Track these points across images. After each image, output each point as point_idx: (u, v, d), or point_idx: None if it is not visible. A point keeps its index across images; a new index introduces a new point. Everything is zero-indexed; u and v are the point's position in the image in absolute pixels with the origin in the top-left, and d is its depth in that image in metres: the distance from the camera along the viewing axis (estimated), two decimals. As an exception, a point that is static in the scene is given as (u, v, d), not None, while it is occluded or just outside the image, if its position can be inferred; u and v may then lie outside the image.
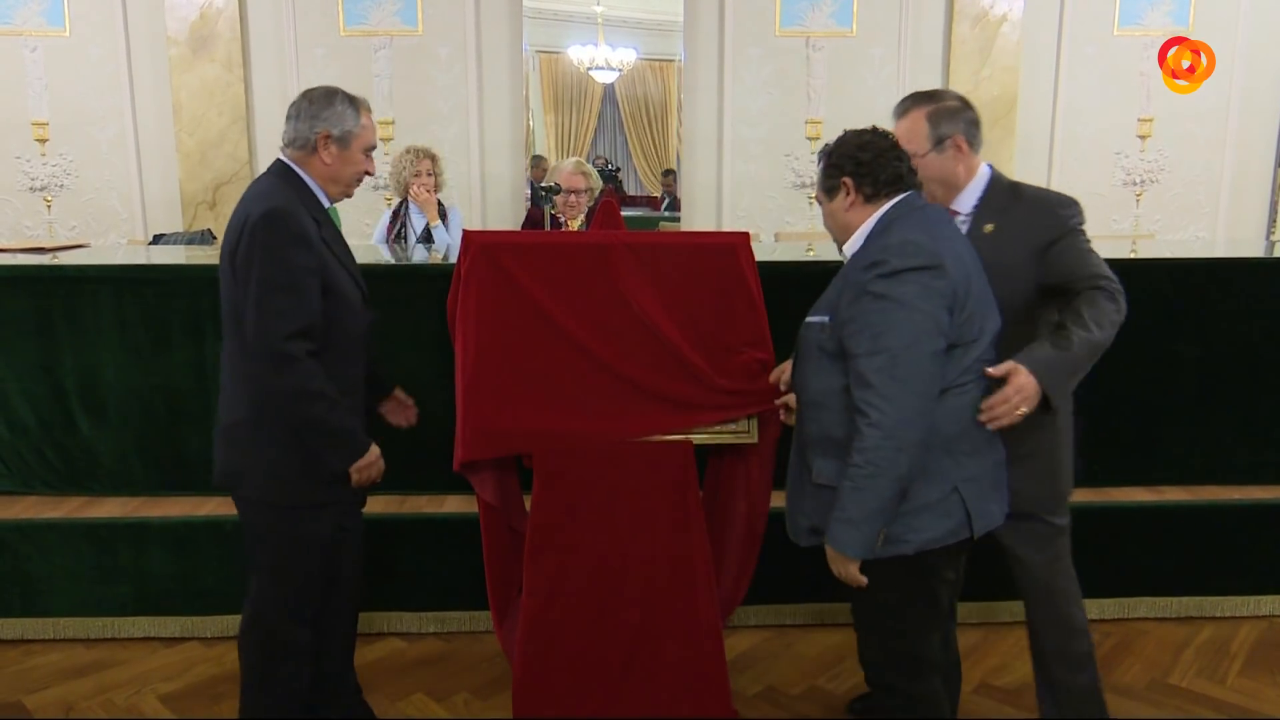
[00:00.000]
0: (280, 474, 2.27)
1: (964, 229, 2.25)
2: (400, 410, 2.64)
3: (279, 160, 2.36)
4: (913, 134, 2.29)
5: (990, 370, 2.03)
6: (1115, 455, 3.41)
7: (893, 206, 2.05)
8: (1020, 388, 2.04)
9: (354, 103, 2.33)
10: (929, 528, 1.96)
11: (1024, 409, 2.04)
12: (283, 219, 2.17)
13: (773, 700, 2.85)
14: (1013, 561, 2.45)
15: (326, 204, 2.36)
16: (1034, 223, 2.26)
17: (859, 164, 2.06)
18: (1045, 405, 2.10)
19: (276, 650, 2.37)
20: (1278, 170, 6.92)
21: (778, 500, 3.16)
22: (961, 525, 1.99)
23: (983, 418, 2.02)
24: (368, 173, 2.40)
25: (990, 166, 2.38)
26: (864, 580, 1.96)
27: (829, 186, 2.12)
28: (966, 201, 2.33)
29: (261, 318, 2.15)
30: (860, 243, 2.06)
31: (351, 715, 2.64)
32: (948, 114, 2.31)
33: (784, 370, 2.40)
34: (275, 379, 2.18)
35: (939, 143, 2.30)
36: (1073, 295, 2.20)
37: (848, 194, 2.08)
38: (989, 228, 2.27)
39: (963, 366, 1.97)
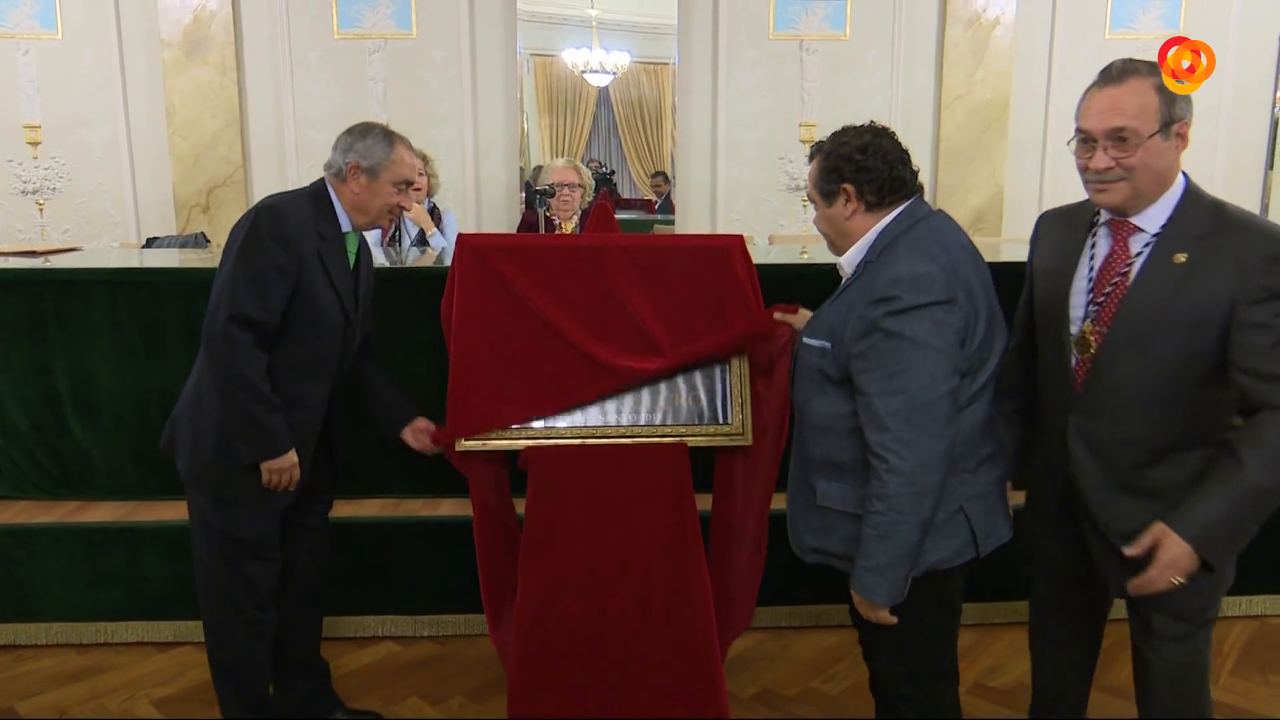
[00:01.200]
0: (207, 461, 2.36)
1: (1143, 256, 1.85)
2: (418, 437, 2.63)
3: (321, 180, 2.44)
4: (1142, 109, 1.79)
5: (1129, 551, 1.84)
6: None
7: (895, 218, 1.94)
8: (1172, 562, 1.80)
9: (389, 138, 2.39)
10: (935, 549, 1.90)
11: (1178, 580, 1.82)
12: (271, 215, 2.26)
13: (768, 702, 2.85)
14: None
15: (346, 228, 2.42)
16: (1243, 262, 1.76)
17: (861, 169, 1.92)
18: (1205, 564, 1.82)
19: (223, 633, 2.45)
20: (1269, 173, 6.96)
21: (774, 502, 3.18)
22: (967, 544, 1.94)
23: (1132, 591, 1.86)
24: (402, 207, 2.44)
25: (1187, 176, 1.88)
26: (894, 620, 1.88)
27: (827, 191, 1.97)
28: (1155, 218, 1.86)
29: (217, 299, 2.25)
30: (862, 253, 1.95)
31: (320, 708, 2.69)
32: (1174, 93, 1.81)
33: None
34: (218, 359, 2.25)
35: (1167, 125, 1.79)
36: (1255, 402, 1.77)
37: (848, 201, 1.95)
38: (1180, 258, 1.81)
39: (972, 390, 1.90)
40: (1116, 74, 1.83)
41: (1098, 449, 1.94)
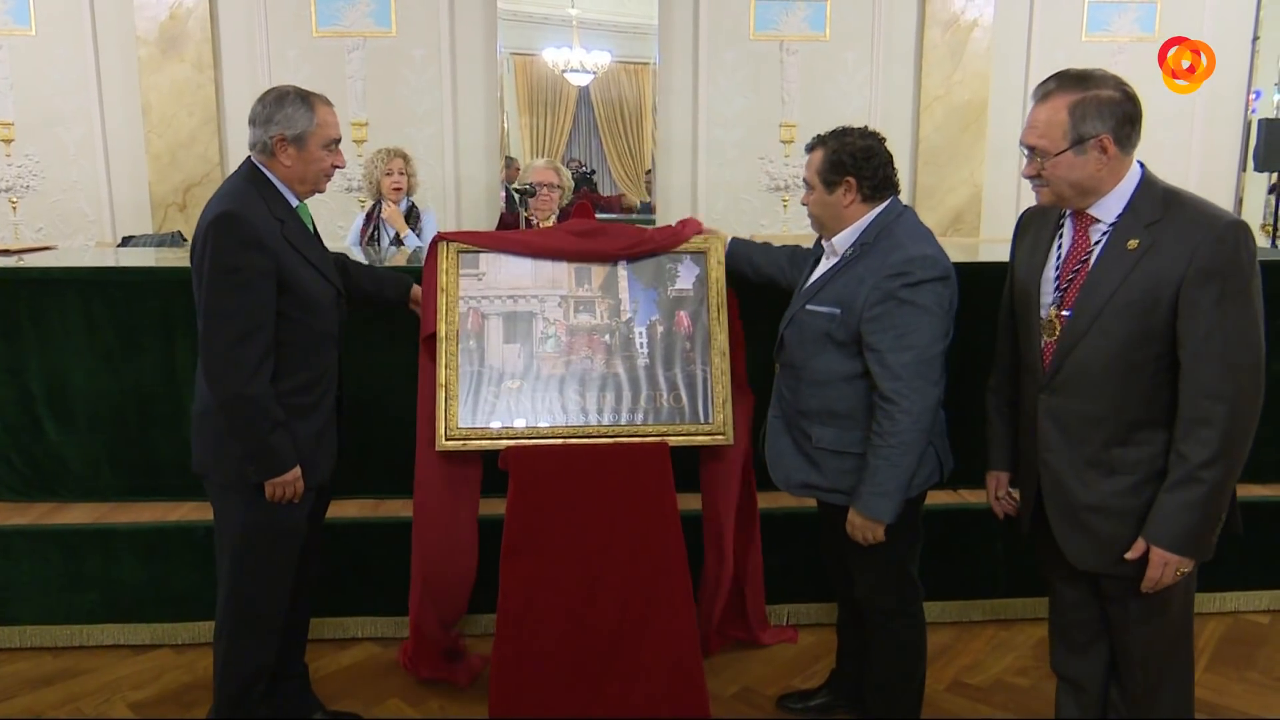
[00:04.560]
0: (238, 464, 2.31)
1: (1101, 242, 1.98)
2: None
3: (247, 160, 2.37)
4: (1050, 128, 1.93)
5: (1128, 555, 1.97)
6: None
7: (884, 210, 2.28)
8: (1164, 567, 1.94)
9: (307, 100, 2.31)
10: (915, 476, 2.26)
11: (1181, 572, 1.95)
12: (232, 223, 2.20)
13: (749, 701, 2.86)
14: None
15: (295, 202, 2.37)
16: (1190, 244, 1.86)
17: (863, 166, 2.24)
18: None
19: (245, 633, 2.41)
20: (1242, 175, 7.04)
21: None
22: (934, 471, 2.34)
23: (1144, 590, 1.98)
24: (335, 166, 2.39)
25: (1142, 165, 2.00)
26: (884, 539, 2.25)
27: (830, 180, 2.27)
28: (1111, 209, 1.98)
29: (209, 322, 2.21)
30: (853, 237, 2.28)
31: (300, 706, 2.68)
32: (1096, 107, 1.90)
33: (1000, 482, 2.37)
34: (217, 380, 2.23)
35: (1078, 142, 1.93)
36: (1198, 390, 1.87)
37: (848, 191, 2.27)
38: (1133, 244, 1.92)
39: (945, 354, 2.24)
40: (1040, 92, 1.97)
41: (1065, 426, 2.04)
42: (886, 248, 2.22)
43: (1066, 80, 1.94)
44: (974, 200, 6.88)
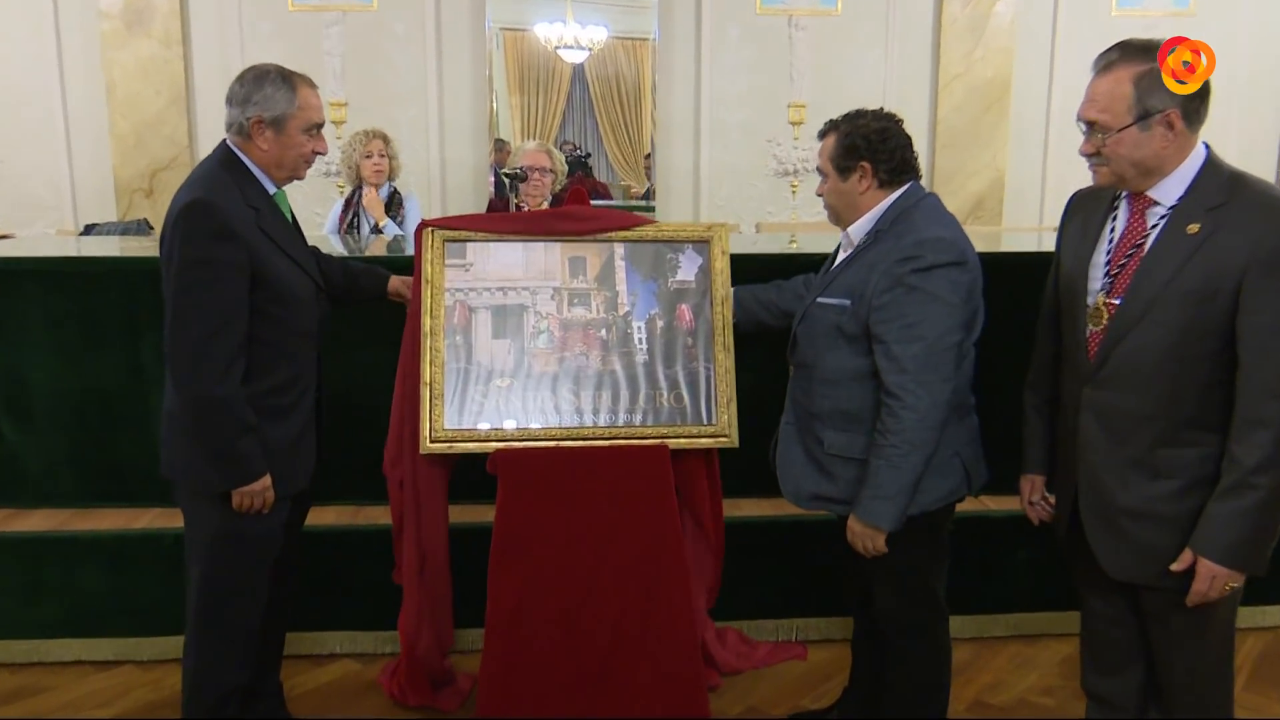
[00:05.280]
0: (203, 470, 2.30)
1: (1159, 226, 1.96)
2: (410, 290, 2.72)
3: (223, 143, 2.36)
4: (1113, 102, 1.91)
5: (1175, 566, 1.96)
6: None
7: (902, 195, 2.27)
8: (1212, 581, 1.92)
9: (288, 81, 2.31)
10: (934, 488, 2.24)
11: (1231, 587, 1.94)
12: (203, 211, 2.19)
13: (754, 722, 2.86)
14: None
15: (272, 190, 2.37)
16: (1256, 232, 1.84)
17: (879, 150, 2.23)
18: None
19: (216, 649, 2.40)
20: (1282, 157, 7.05)
21: (748, 509, 3.19)
22: (961, 484, 2.30)
23: (1190, 604, 1.96)
24: (316, 152, 2.39)
25: (1207, 146, 1.98)
26: (886, 550, 2.22)
27: (844, 166, 2.27)
28: (1172, 191, 1.95)
29: (177, 317, 2.20)
30: (870, 225, 2.27)
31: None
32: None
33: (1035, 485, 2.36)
34: (183, 380, 2.22)
35: (1144, 117, 1.90)
36: (1257, 389, 1.85)
37: (864, 177, 2.26)
38: (1193, 229, 1.90)
39: (968, 344, 2.24)
40: (1100, 63, 1.95)
41: (1109, 423, 2.02)
42: (899, 232, 2.22)
43: (1131, 50, 1.91)
44: (996, 186, 6.89)
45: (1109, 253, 2.04)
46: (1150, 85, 1.88)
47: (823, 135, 2.33)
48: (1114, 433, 2.02)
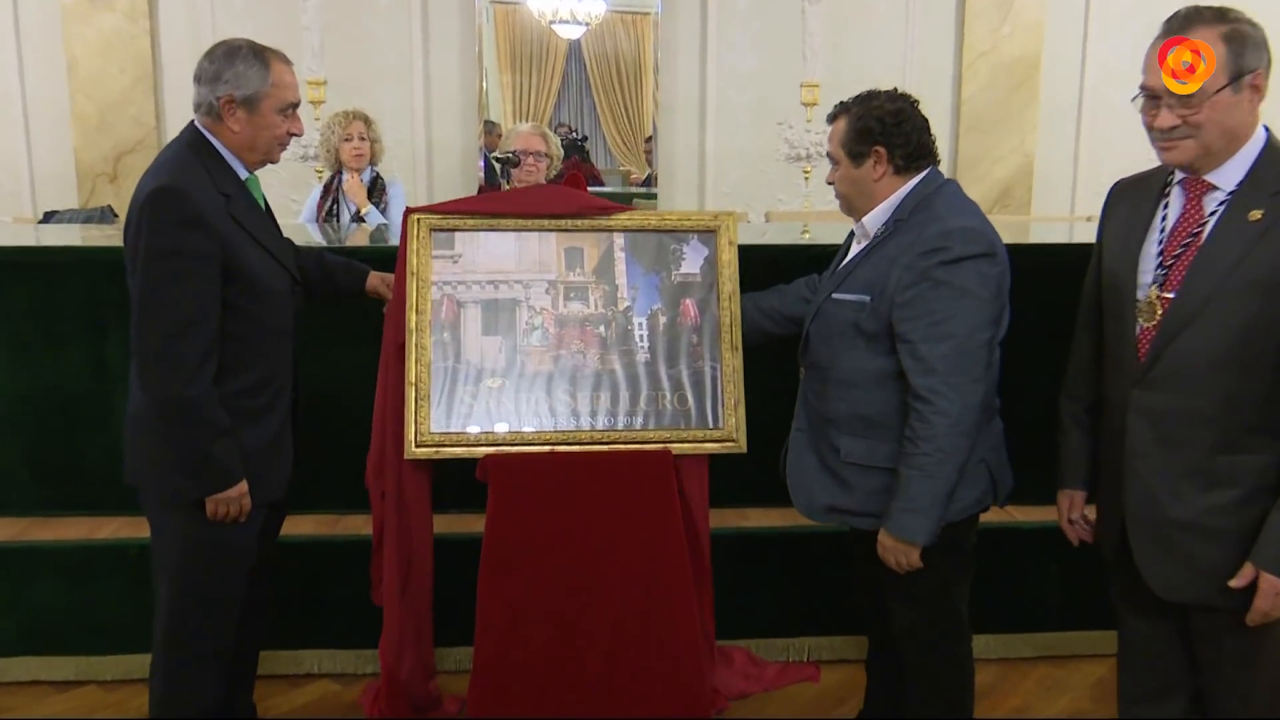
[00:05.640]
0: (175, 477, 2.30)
1: (1218, 213, 1.95)
2: (388, 289, 2.73)
3: (191, 124, 2.36)
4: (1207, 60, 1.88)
5: (1234, 583, 1.95)
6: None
7: (921, 181, 2.27)
8: (1276, 597, 1.92)
9: (261, 57, 2.31)
10: (959, 498, 2.23)
11: None
12: (170, 199, 2.19)
13: (763, 748, 2.86)
14: None
15: (244, 174, 2.37)
16: None
17: (893, 133, 2.23)
18: None
19: (185, 669, 2.40)
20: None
21: (756, 519, 3.19)
22: (987, 493, 2.32)
23: (1250, 623, 1.96)
24: (292, 134, 2.39)
25: (1268, 130, 1.97)
26: (920, 564, 2.21)
27: (857, 152, 2.27)
28: (1231, 174, 1.94)
29: (143, 312, 2.20)
30: (886, 215, 2.27)
31: None
32: (1251, 38, 1.88)
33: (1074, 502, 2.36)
34: (151, 380, 2.22)
35: (1237, 77, 1.86)
36: None
37: (878, 163, 2.26)
38: (1256, 215, 1.90)
39: (993, 344, 2.23)
40: (1180, 23, 1.90)
41: (1161, 428, 2.00)
42: (921, 222, 2.21)
43: (1205, 12, 1.89)
44: (1024, 172, 6.88)
45: (1161, 243, 2.02)
46: (1241, 42, 1.86)
47: (833, 119, 2.33)
48: (1166, 438, 2.00)
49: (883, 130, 2.23)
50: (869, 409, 2.26)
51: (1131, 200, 2.14)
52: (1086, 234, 4.18)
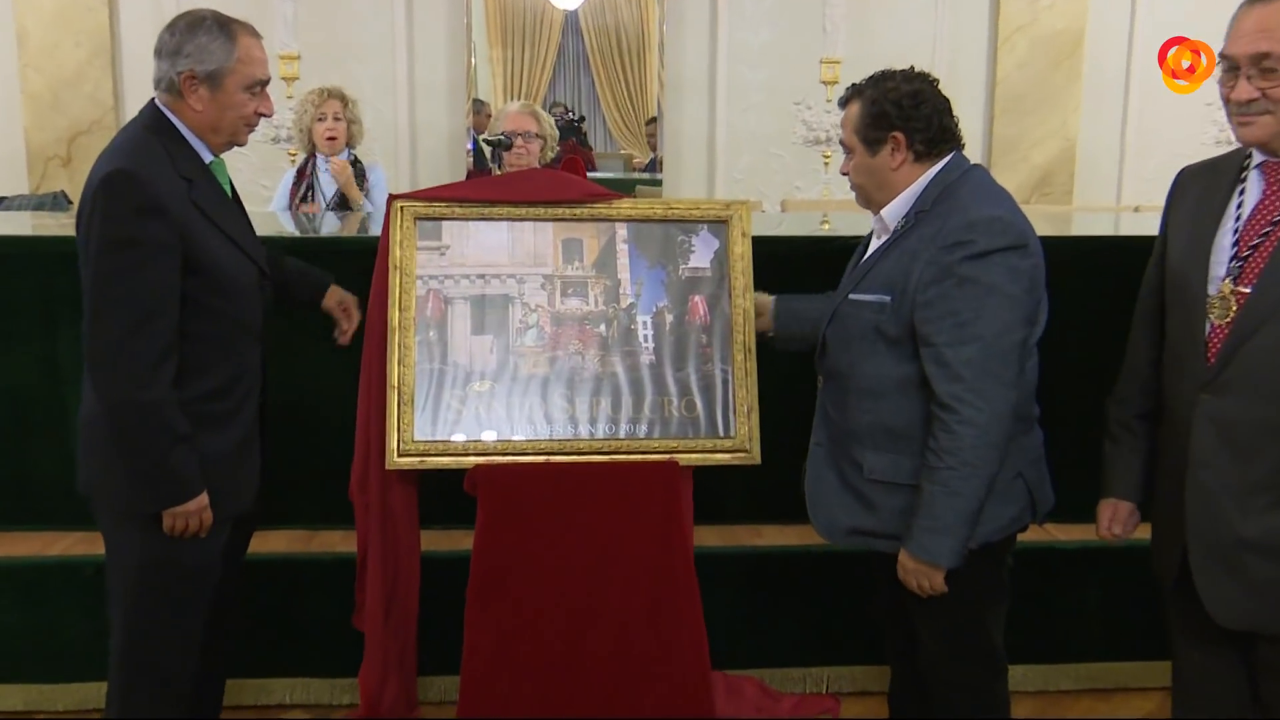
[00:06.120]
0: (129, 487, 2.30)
1: None
2: (344, 313, 2.70)
3: (151, 103, 2.37)
4: None
5: None
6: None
7: (945, 168, 2.25)
8: None
9: (227, 29, 2.31)
10: (994, 516, 2.22)
11: None
12: (125, 184, 2.19)
13: (778, 788, 2.87)
14: None
15: (208, 158, 2.38)
16: None
17: (912, 117, 2.21)
18: None
19: (144, 699, 2.39)
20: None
21: (771, 537, 3.20)
22: (1025, 511, 2.30)
23: None
24: (260, 113, 2.39)
25: None
26: (945, 588, 2.20)
27: (872, 139, 2.25)
28: None
29: (96, 308, 2.20)
30: (907, 206, 2.26)
31: None
32: None
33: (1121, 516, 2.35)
34: (104, 382, 2.22)
35: None
36: None
37: (896, 150, 2.24)
38: None
39: (1031, 344, 2.24)
40: None
41: (1231, 436, 1.99)
42: (944, 213, 2.20)
43: None
44: (1066, 157, 6.89)
45: (1236, 232, 2.01)
46: None
47: (845, 103, 2.32)
48: (1236, 449, 1.98)
49: (900, 114, 2.22)
50: (893, 420, 2.25)
51: (1202, 186, 2.12)
52: (1134, 225, 4.18)
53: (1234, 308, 1.97)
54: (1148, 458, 2.24)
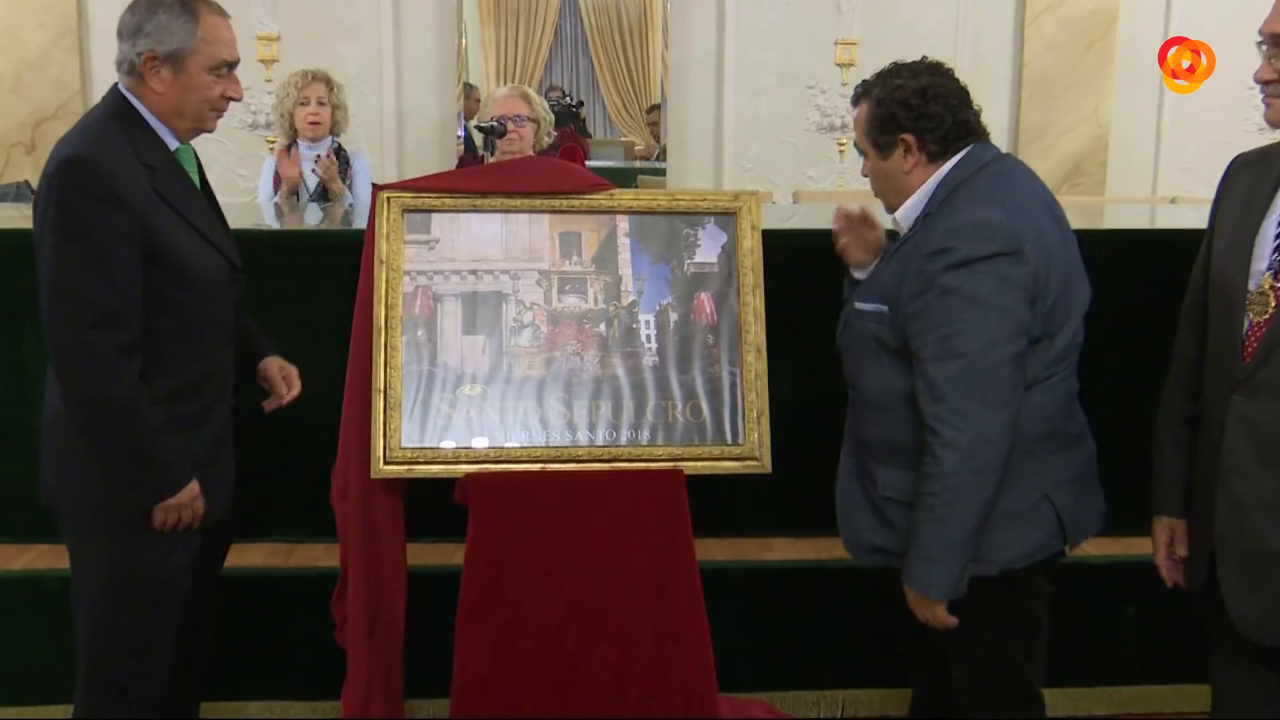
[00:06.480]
0: (111, 488, 2.31)
1: None
2: (283, 380, 2.64)
3: (113, 88, 2.38)
4: None
5: None
6: None
7: (957, 164, 2.23)
8: None
9: (189, 8, 2.31)
10: (1015, 542, 2.20)
11: None
12: (80, 170, 2.20)
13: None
14: None
15: (173, 144, 2.38)
16: None
17: (922, 116, 2.19)
18: None
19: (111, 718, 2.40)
20: None
21: (782, 551, 3.20)
22: (1053, 537, 2.25)
23: None
24: (228, 97, 2.39)
25: None
26: (953, 621, 2.18)
27: (882, 143, 2.25)
28: None
29: (54, 300, 2.21)
30: (919, 208, 2.24)
31: None
32: None
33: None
34: (69, 379, 2.24)
35: None
36: None
37: (908, 152, 2.23)
38: None
39: (1049, 358, 2.18)
40: None
41: (1262, 441, 2.00)
42: (941, 216, 2.19)
43: None
44: (1098, 146, 6.88)
45: None
46: None
47: (855, 102, 2.33)
48: (1270, 455, 1.99)
49: (909, 115, 2.21)
50: (901, 434, 2.24)
51: (1252, 176, 2.13)
52: (1171, 218, 4.18)
53: (1272, 304, 1.98)
54: (1189, 468, 2.23)
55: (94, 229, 2.19)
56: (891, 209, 2.33)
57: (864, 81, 2.31)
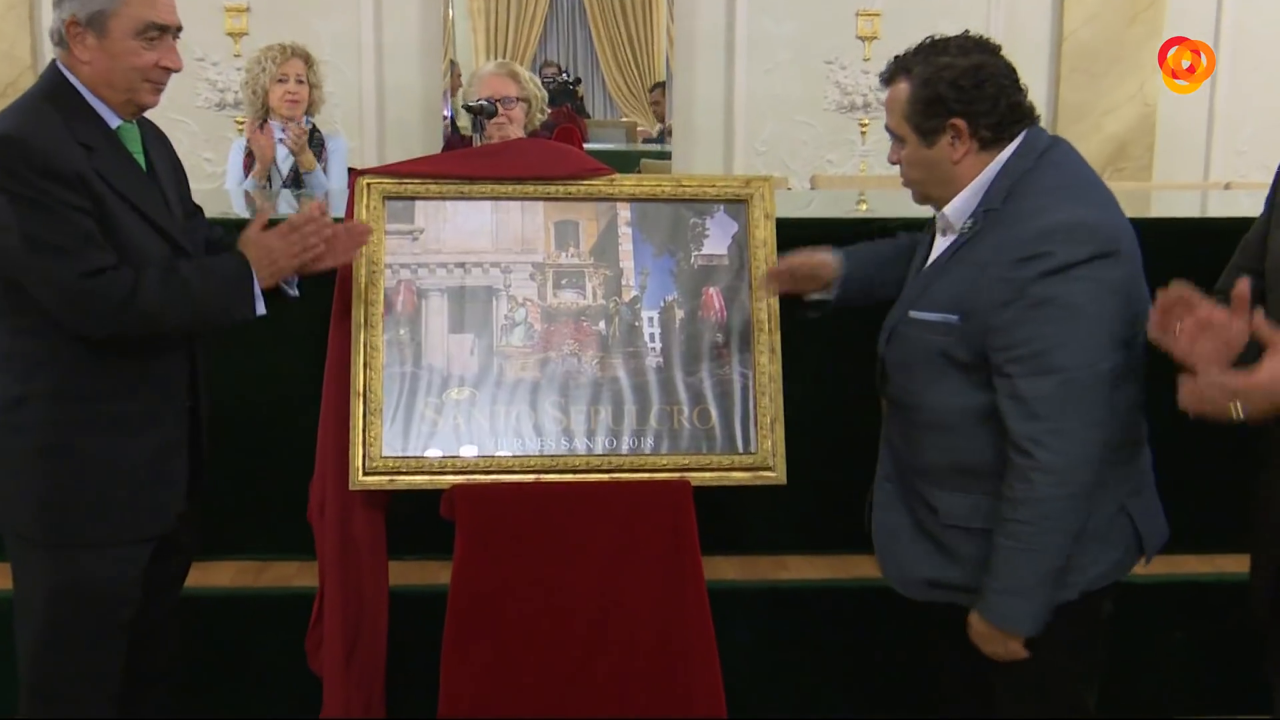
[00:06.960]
0: (51, 500, 2.32)
1: None
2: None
3: (51, 64, 2.38)
4: None
5: None
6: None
7: (1015, 153, 2.18)
8: None
9: None
10: (1095, 562, 2.19)
11: None
12: (20, 149, 2.21)
13: None
14: None
15: (114, 123, 2.38)
16: None
17: (974, 99, 2.13)
18: None
19: None
20: None
21: (797, 569, 3.20)
22: (1130, 552, 2.26)
23: None
24: (164, 67, 2.36)
25: None
26: (1025, 654, 2.15)
27: (928, 129, 2.18)
28: None
29: (30, 259, 2.22)
30: (974, 203, 2.19)
31: None
32: None
33: None
34: (83, 320, 2.25)
35: None
36: None
37: (957, 139, 2.17)
38: None
39: (1130, 359, 2.17)
40: None
41: None
42: (1017, 213, 2.13)
43: None
44: (1145, 126, 6.88)
45: None
46: None
47: (888, 80, 2.25)
48: None
49: (959, 97, 2.13)
50: (971, 457, 2.21)
51: None
52: (1224, 205, 4.18)
53: None
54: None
55: (43, 198, 2.20)
56: (934, 202, 2.28)
57: (899, 57, 2.22)
